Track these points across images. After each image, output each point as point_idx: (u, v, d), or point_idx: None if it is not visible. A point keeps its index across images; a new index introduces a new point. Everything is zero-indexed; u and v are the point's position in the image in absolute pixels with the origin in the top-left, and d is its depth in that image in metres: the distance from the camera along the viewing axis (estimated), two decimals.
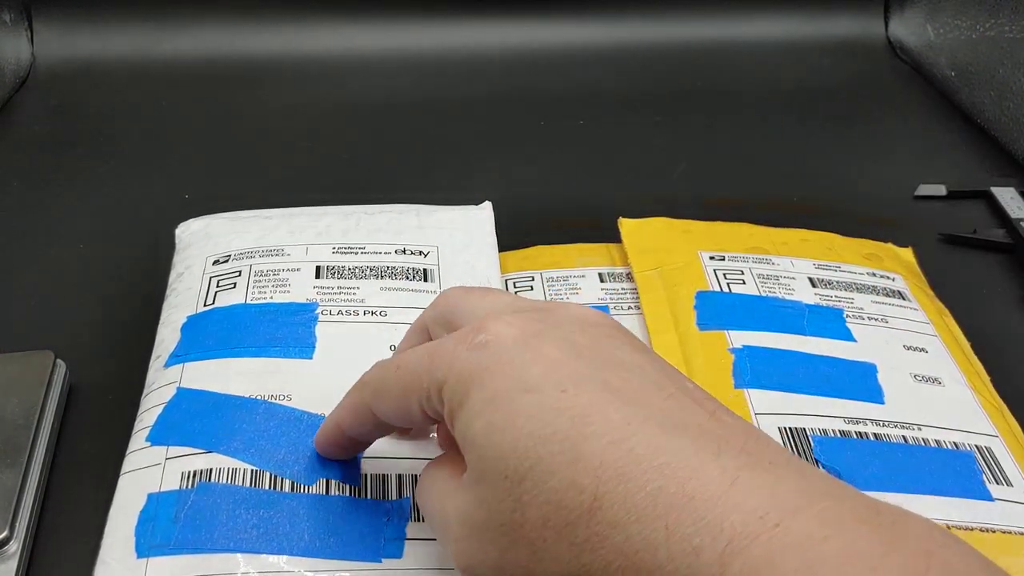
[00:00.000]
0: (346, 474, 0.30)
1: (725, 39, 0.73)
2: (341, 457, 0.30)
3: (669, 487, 0.19)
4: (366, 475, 0.30)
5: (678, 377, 0.23)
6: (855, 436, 0.33)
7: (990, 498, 0.31)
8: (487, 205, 0.44)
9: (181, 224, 0.43)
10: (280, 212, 0.43)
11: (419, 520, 0.29)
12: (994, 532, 0.30)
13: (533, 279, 0.42)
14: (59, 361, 0.38)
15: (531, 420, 0.20)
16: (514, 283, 0.42)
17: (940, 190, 0.55)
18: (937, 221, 0.52)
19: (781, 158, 0.60)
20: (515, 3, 0.72)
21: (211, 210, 0.44)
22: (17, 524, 0.31)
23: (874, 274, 0.43)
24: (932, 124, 0.65)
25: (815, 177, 0.57)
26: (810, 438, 0.33)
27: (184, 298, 0.38)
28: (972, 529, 0.30)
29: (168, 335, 0.36)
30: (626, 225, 0.45)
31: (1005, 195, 0.53)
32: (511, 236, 0.44)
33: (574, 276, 0.43)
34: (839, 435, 0.33)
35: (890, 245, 0.47)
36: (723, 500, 0.18)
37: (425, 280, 0.38)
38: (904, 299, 0.41)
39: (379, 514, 0.29)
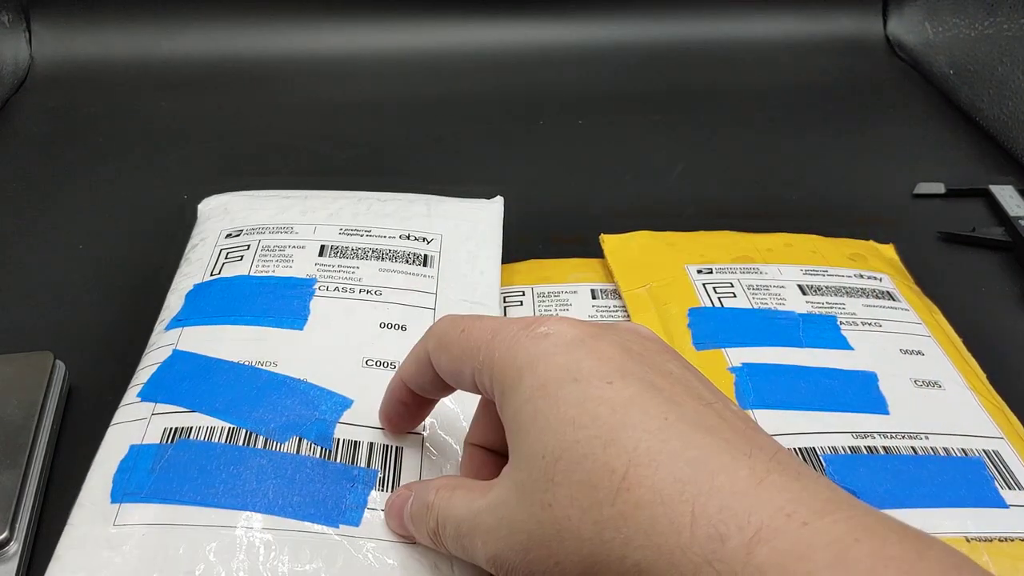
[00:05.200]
0: (319, 435, 0.31)
1: (724, 38, 0.73)
2: (402, 425, 0.31)
3: (699, 477, 0.19)
4: (338, 440, 0.31)
5: (719, 394, 0.24)
6: (864, 451, 0.33)
7: (1004, 505, 0.31)
8: (499, 199, 0.44)
9: (204, 200, 0.44)
10: (298, 193, 0.44)
11: (383, 490, 0.30)
12: (1012, 541, 0.30)
13: (524, 294, 0.42)
14: (58, 362, 0.38)
15: (573, 407, 0.21)
16: (504, 297, 0.42)
17: (939, 188, 0.55)
18: (936, 219, 0.52)
19: (780, 157, 0.60)
20: (515, 3, 0.72)
21: None
22: (17, 525, 0.31)
23: (861, 276, 0.43)
24: (931, 122, 0.65)
25: (813, 175, 0.58)
26: (821, 458, 0.32)
27: (195, 267, 0.39)
28: (991, 540, 0.30)
29: (175, 301, 0.38)
30: (609, 242, 0.45)
31: (1004, 193, 0.53)
32: (508, 233, 0.44)
33: (566, 292, 0.42)
34: (849, 451, 0.33)
35: (871, 243, 0.47)
36: (751, 494, 0.19)
37: (424, 265, 0.39)
38: (894, 300, 0.41)
39: (346, 479, 0.30)
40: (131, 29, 0.68)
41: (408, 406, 0.30)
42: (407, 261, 0.39)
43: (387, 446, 0.31)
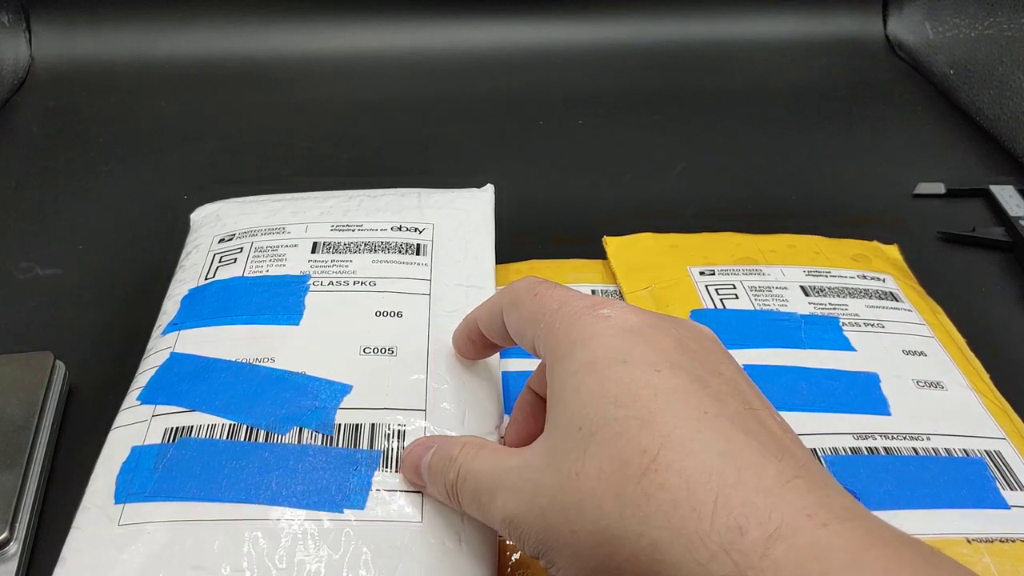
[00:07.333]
0: (320, 423, 0.31)
1: (724, 39, 0.73)
2: (469, 354, 0.33)
3: (726, 470, 0.20)
4: (340, 425, 0.31)
5: (765, 403, 0.24)
6: (865, 452, 0.33)
7: (1006, 506, 0.31)
8: (489, 187, 0.44)
9: (196, 209, 0.44)
10: (289, 196, 0.44)
11: (387, 470, 0.30)
12: (1014, 541, 0.30)
13: None
14: (59, 362, 0.38)
15: (618, 386, 0.22)
16: None
17: (939, 188, 0.55)
18: (936, 219, 0.52)
19: (779, 157, 0.60)
20: (515, 3, 0.72)
21: None
22: (17, 525, 0.31)
23: (864, 276, 0.43)
24: (931, 122, 0.65)
25: (813, 176, 0.58)
26: (822, 459, 0.32)
27: (189, 273, 0.39)
28: (992, 541, 0.30)
29: (171, 307, 0.38)
30: (612, 244, 0.44)
31: (1004, 193, 0.53)
32: (508, 233, 0.44)
33: None
34: (850, 452, 0.33)
35: (876, 243, 0.47)
36: (775, 493, 0.19)
37: (417, 254, 0.39)
38: (897, 300, 0.41)
39: (349, 463, 0.30)
40: (131, 29, 0.68)
41: (475, 344, 0.32)
42: (400, 251, 0.39)
43: (389, 426, 0.31)
